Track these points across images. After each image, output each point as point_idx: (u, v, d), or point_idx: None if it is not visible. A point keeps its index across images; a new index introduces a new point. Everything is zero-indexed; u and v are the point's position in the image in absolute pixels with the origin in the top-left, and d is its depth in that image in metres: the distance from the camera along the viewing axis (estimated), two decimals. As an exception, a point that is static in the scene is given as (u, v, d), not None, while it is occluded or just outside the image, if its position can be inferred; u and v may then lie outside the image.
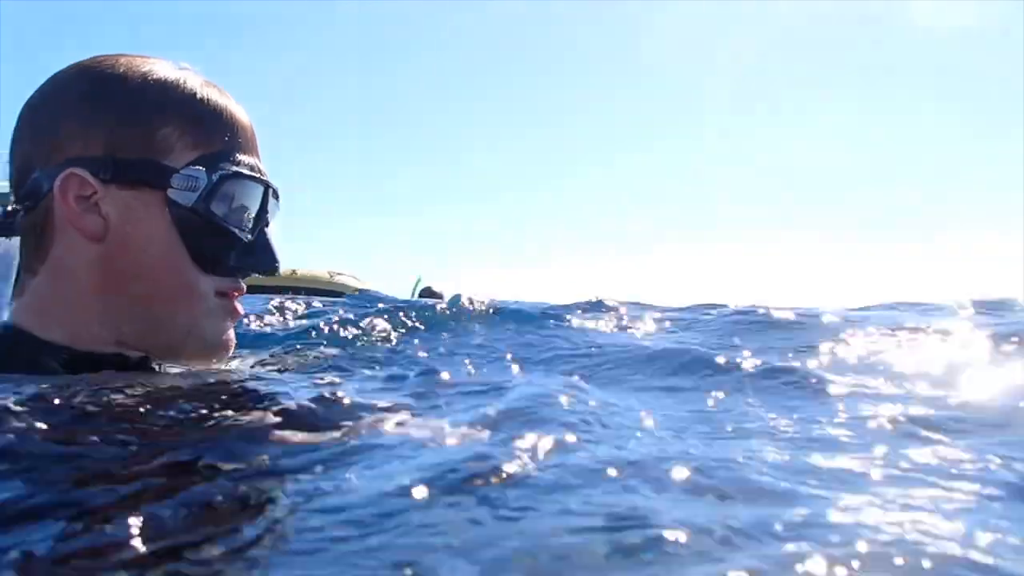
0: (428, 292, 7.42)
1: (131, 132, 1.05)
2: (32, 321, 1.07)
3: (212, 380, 1.08)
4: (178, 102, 1.07)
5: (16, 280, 1.10)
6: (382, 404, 0.96)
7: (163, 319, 1.08)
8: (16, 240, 1.09)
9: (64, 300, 1.07)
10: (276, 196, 1.16)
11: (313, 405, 0.92)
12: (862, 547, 0.59)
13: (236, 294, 1.13)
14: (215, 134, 1.09)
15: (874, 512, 0.69)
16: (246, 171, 1.10)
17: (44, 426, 0.77)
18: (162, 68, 1.11)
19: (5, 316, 1.10)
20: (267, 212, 1.14)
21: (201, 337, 1.10)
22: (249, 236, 1.11)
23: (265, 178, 1.13)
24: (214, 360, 1.14)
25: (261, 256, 1.13)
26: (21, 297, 1.10)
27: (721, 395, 1.26)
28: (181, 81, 1.09)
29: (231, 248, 1.10)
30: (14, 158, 1.09)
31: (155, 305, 1.07)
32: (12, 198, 1.08)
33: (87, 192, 1.04)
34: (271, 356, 1.52)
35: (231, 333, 1.15)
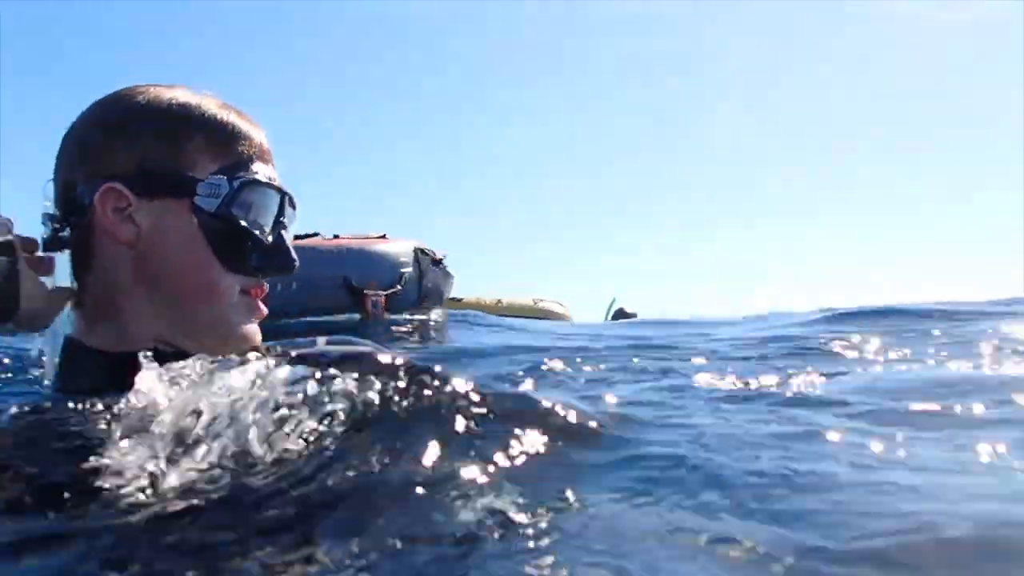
0: (621, 313, 8.04)
1: (160, 149, 1.19)
2: (82, 330, 1.21)
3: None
4: (200, 121, 1.21)
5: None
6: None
7: (192, 314, 1.20)
8: (67, 255, 1.22)
9: (105, 305, 1.19)
10: (292, 204, 1.28)
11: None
12: None
13: (259, 293, 1.25)
14: (234, 147, 1.22)
15: None
16: (263, 179, 1.22)
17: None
18: (185, 94, 1.25)
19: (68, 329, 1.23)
20: (284, 217, 1.26)
21: (225, 329, 1.21)
22: (268, 238, 1.23)
23: (280, 186, 1.26)
24: (236, 350, 1.19)
25: (279, 257, 1.24)
26: (75, 308, 1.22)
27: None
28: (202, 103, 1.23)
29: (252, 249, 1.21)
30: (58, 178, 1.23)
31: (185, 302, 1.19)
32: (59, 215, 1.20)
33: (123, 204, 1.17)
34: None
35: (253, 327, 1.25)
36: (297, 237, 7.36)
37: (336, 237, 6.05)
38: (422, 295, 6.19)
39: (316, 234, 6.04)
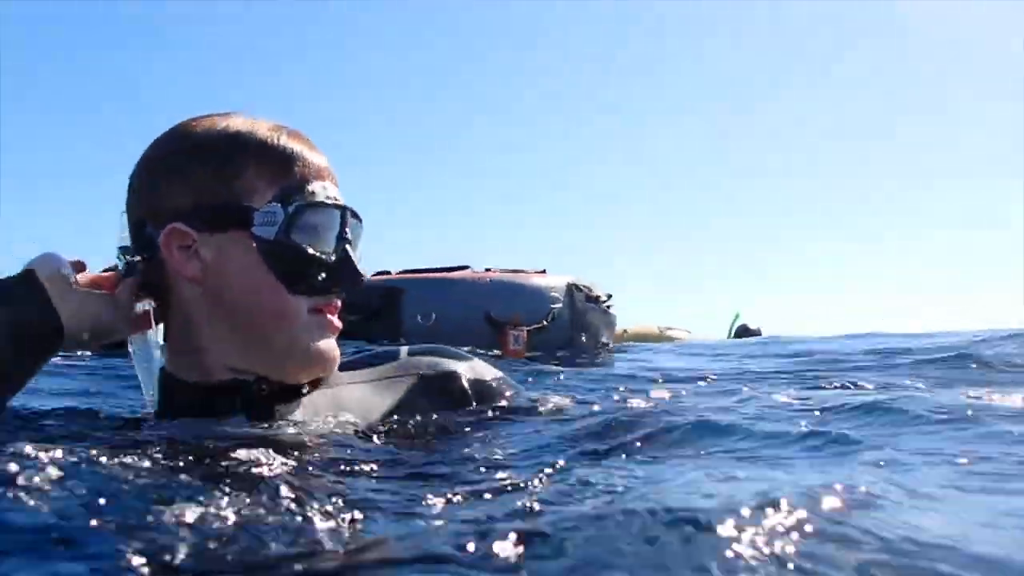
0: (744, 330, 7.76)
1: (215, 183, 1.21)
2: (170, 361, 1.28)
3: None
4: (251, 149, 1.22)
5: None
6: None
7: (264, 341, 1.22)
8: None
9: (185, 338, 1.25)
10: (356, 216, 1.29)
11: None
12: None
13: (331, 310, 1.27)
14: (289, 170, 1.23)
15: None
16: (320, 199, 1.23)
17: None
18: (237, 121, 1.26)
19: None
20: (346, 233, 1.26)
21: (300, 353, 1.24)
22: (332, 257, 1.24)
23: (339, 202, 1.26)
24: (318, 372, 1.28)
25: (344, 274, 1.25)
26: (166, 340, 1.28)
27: None
28: (252, 130, 1.24)
29: (316, 269, 1.22)
30: (129, 216, 1.27)
31: (255, 330, 1.22)
32: (132, 250, 1.27)
33: (187, 242, 1.21)
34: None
35: (330, 344, 1.27)
36: (445, 269, 5.88)
37: (487, 270, 5.70)
38: (574, 332, 5.26)
39: (466, 267, 5.79)
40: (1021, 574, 0.67)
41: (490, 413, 1.37)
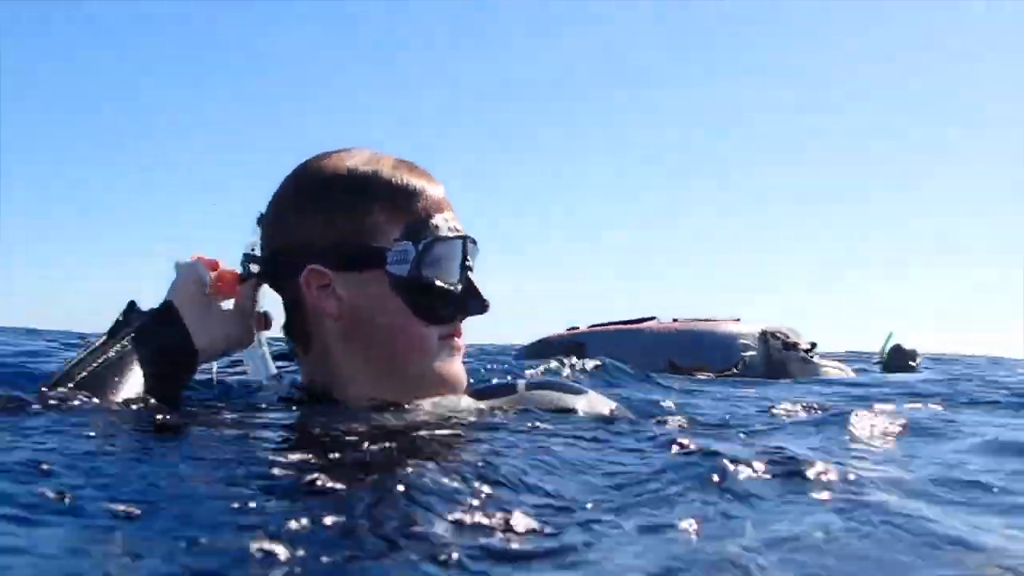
0: (898, 351, 6.84)
1: (347, 224, 1.29)
2: (308, 378, 1.38)
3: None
4: (377, 189, 1.30)
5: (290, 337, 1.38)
6: None
7: (399, 371, 1.31)
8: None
9: (323, 366, 1.34)
10: (474, 242, 1.35)
11: None
12: None
13: (457, 333, 1.35)
14: (413, 207, 1.30)
15: None
16: (444, 232, 1.30)
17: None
18: (361, 159, 1.34)
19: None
20: (468, 260, 1.34)
21: (433, 378, 1.33)
22: (458, 286, 1.32)
23: (461, 233, 1.33)
24: (447, 394, 1.35)
25: (470, 301, 1.33)
26: (304, 366, 1.39)
27: None
28: (377, 170, 1.32)
29: (445, 300, 1.30)
30: (265, 238, 1.37)
31: (390, 361, 1.31)
32: (262, 270, 1.36)
33: (325, 281, 1.29)
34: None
35: (457, 366, 1.36)
36: (630, 322, 5.49)
37: (675, 320, 5.40)
38: (769, 379, 4.85)
39: (652, 318, 5.49)
40: None
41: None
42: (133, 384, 1.22)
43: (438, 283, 1.29)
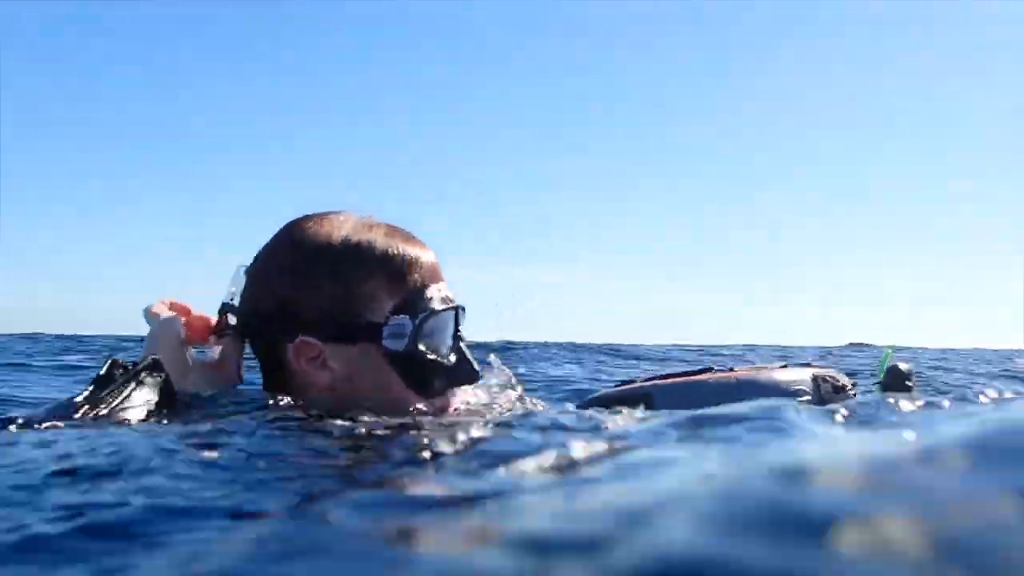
0: (895, 371, 5.26)
1: (340, 295, 1.26)
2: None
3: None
4: (371, 260, 1.28)
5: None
6: None
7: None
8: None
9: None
10: (463, 310, 1.35)
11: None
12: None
13: (447, 408, 1.33)
14: (408, 278, 1.29)
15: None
16: (439, 305, 1.30)
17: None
18: (353, 226, 1.31)
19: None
20: (460, 330, 1.34)
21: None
22: (451, 357, 1.31)
23: (454, 304, 1.33)
24: None
25: (463, 371, 1.32)
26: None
27: None
28: (371, 240, 1.29)
29: (439, 372, 1.30)
30: (248, 292, 1.34)
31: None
32: (243, 322, 1.34)
33: (315, 354, 1.27)
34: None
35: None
36: (688, 373, 5.31)
37: (731, 370, 5.26)
38: None
39: (709, 368, 5.34)
40: None
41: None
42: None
43: (433, 356, 1.29)
